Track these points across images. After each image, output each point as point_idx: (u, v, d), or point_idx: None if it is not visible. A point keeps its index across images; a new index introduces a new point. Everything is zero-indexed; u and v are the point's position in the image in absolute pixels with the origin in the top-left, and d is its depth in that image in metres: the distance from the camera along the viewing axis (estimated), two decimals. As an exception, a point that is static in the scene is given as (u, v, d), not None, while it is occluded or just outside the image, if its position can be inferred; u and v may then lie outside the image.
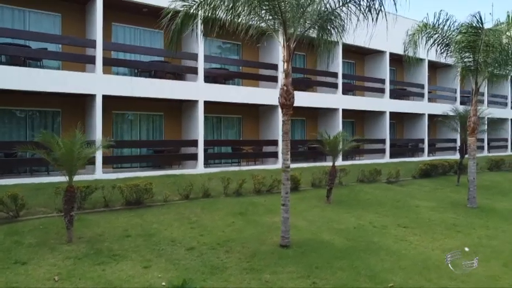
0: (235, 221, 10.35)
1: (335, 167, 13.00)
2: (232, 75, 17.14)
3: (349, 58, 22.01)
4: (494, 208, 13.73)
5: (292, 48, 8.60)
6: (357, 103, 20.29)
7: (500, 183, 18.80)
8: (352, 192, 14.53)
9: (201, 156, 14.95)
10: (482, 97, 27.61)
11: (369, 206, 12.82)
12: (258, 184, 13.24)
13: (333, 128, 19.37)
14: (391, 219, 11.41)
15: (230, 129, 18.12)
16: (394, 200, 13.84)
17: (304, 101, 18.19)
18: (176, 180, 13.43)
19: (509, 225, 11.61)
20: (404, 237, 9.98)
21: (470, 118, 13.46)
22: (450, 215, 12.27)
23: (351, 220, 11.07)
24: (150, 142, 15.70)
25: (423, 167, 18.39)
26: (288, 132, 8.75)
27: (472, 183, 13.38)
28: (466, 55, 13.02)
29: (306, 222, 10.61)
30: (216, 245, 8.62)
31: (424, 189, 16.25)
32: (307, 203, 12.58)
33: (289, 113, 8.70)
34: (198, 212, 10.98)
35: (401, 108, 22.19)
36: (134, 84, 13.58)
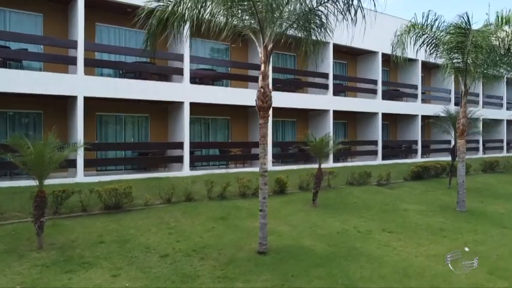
0: (215, 226, 10.09)
1: (321, 169, 12.74)
2: (220, 76, 16.89)
3: (341, 59, 21.78)
4: (484, 212, 13.47)
5: (270, 50, 8.34)
6: (349, 104, 20.04)
7: (493, 185, 18.54)
8: (340, 195, 14.28)
9: (187, 159, 14.69)
10: (477, 98, 27.40)
11: (355, 209, 12.56)
12: (242, 187, 12.98)
13: (323, 129, 19.11)
14: (376, 224, 11.14)
15: (218, 131, 17.86)
16: (383, 203, 13.58)
17: (295, 102, 17.98)
18: (160, 183, 13.18)
19: (498, 229, 11.36)
20: (388, 242, 9.72)
21: (459, 120, 13.21)
22: (438, 219, 12.00)
23: (335, 225, 10.81)
24: (134, 144, 15.44)
25: (415, 169, 18.13)
26: (266, 136, 8.49)
27: (461, 186, 13.12)
28: (455, 56, 12.76)
29: (288, 227, 10.35)
30: (191, 252, 8.36)
31: (415, 192, 15.99)
32: (292, 207, 12.33)
33: (266, 115, 8.44)
34: (179, 216, 10.73)
35: (394, 109, 21.95)
36: (117, 86, 13.32)
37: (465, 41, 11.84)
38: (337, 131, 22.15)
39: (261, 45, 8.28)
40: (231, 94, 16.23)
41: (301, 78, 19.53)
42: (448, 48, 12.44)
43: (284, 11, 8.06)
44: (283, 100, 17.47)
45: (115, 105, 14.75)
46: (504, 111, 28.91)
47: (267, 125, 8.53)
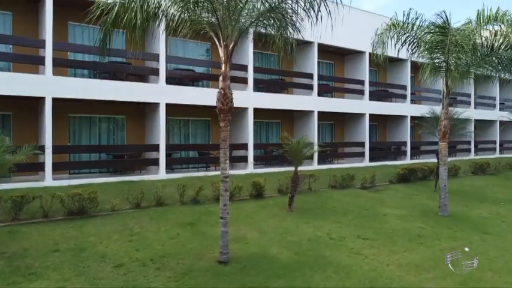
0: (180, 233, 9.69)
1: (297, 173, 12.34)
2: (200, 76, 16.47)
3: (328, 59, 21.38)
4: (467, 216, 13.06)
5: (231, 49, 7.93)
6: (334, 105, 19.63)
7: (481, 188, 18.13)
8: (319, 199, 13.86)
9: (163, 162, 14.28)
10: (469, 98, 26.99)
11: (333, 214, 12.14)
12: (217, 191, 12.52)
13: (309, 131, 18.75)
14: (352, 230, 10.74)
15: (199, 133, 17.46)
16: (363, 207, 13.16)
17: (278, 103, 17.59)
18: (133, 187, 12.75)
19: (479, 235, 10.96)
20: (361, 250, 9.31)
21: (441, 122, 12.81)
22: (417, 225, 11.59)
23: (308, 231, 10.39)
24: (108, 147, 15.01)
25: (401, 171, 17.71)
26: (227, 140, 8.09)
27: (443, 190, 12.72)
28: (436, 55, 12.36)
29: (257, 234, 9.94)
30: (148, 261, 7.96)
31: (399, 195, 15.57)
32: (267, 212, 11.91)
33: (227, 118, 8.03)
34: (145, 222, 10.32)
35: (382, 110, 21.53)
36: (88, 86, 12.92)
37: (445, 40, 11.43)
38: (324, 132, 21.77)
39: (221, 44, 7.87)
40: (211, 95, 15.71)
41: (285, 79, 19.12)
42: (429, 48, 12.03)
43: (244, 9, 7.64)
44: (266, 101, 17.10)
45: (89, 106, 14.35)
46: (497, 111, 28.46)
47: (227, 128, 8.12)
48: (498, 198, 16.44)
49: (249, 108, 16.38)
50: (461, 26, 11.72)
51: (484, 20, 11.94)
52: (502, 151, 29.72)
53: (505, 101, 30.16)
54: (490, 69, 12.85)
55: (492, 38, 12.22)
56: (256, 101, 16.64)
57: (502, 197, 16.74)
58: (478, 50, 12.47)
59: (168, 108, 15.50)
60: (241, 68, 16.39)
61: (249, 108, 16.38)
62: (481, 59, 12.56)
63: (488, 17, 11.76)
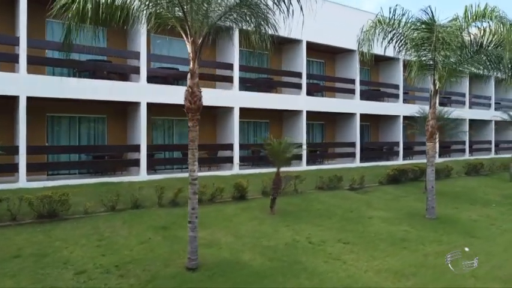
0: (152, 237, 9.30)
1: (279, 174, 11.95)
2: (184, 75, 16.03)
3: (318, 57, 21.00)
4: (456, 219, 12.68)
5: (199, 45, 7.55)
6: (324, 105, 19.24)
7: (473, 189, 17.74)
8: (304, 201, 13.47)
9: (144, 163, 13.90)
10: (463, 98, 26.61)
11: (316, 217, 11.75)
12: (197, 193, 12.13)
13: (298, 131, 18.39)
14: (333, 233, 10.36)
15: (184, 133, 17.04)
16: (348, 210, 12.78)
17: (266, 102, 17.21)
18: (111, 188, 12.35)
19: (466, 239, 10.58)
20: (340, 255, 8.93)
21: (428, 122, 12.43)
22: (403, 228, 11.21)
23: (287, 235, 10.01)
24: (87, 147, 14.61)
25: (391, 172, 17.32)
26: (195, 141, 7.72)
27: (430, 192, 12.34)
28: (423, 53, 11.98)
29: (233, 238, 9.56)
30: (112, 268, 7.58)
31: (387, 197, 15.18)
32: (247, 215, 11.53)
33: (195, 118, 7.67)
34: (118, 226, 9.94)
35: (374, 109, 21.15)
36: (65, 85, 12.53)
37: (431, 37, 11.05)
38: (315, 133, 21.39)
39: (189, 40, 7.49)
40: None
41: (274, 78, 18.75)
42: (415, 45, 11.65)
43: (211, 2, 7.26)
44: (253, 100, 16.72)
45: (68, 105, 13.98)
46: (492, 111, 28.05)
47: (196, 128, 7.76)
48: (490, 199, 16.06)
49: (234, 107, 16.01)
50: (447, 22, 11.33)
51: (472, 17, 11.54)
52: (498, 151, 29.33)
53: (500, 100, 29.78)
54: (479, 68, 12.44)
55: (481, 35, 11.83)
56: (243, 101, 16.26)
57: (494, 198, 16.37)
58: (467, 47, 12.10)
59: (152, 107, 15.16)
60: (227, 67, 16.02)
61: (235, 108, 16.01)
62: (469, 57, 12.19)
63: (476, 13, 11.36)
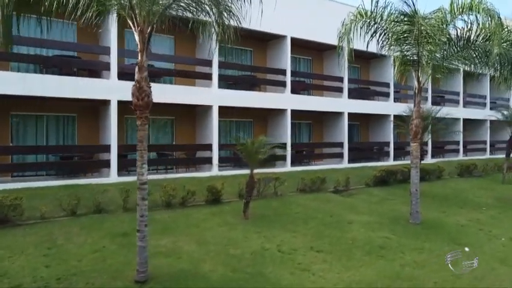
0: (107, 245, 8.60)
1: (253, 177, 11.24)
2: (160, 72, 15.37)
3: (305, 54, 20.28)
4: (442, 224, 11.98)
5: (147, 35, 6.85)
6: (310, 103, 18.52)
7: (463, 191, 17.02)
8: (283, 204, 12.76)
9: (114, 164, 13.19)
10: (457, 97, 25.90)
11: (292, 222, 11.04)
12: (166, 196, 11.47)
13: (283, 130, 17.68)
14: (307, 240, 9.66)
15: (161, 133, 16.37)
16: (328, 214, 12.06)
17: (249, 101, 16.51)
18: (77, 191, 11.65)
19: (450, 246, 9.87)
20: (309, 265, 8.25)
21: (412, 121, 11.72)
22: (383, 234, 10.51)
23: (256, 242, 9.31)
24: (52, 147, 13.82)
25: (378, 174, 16.60)
26: (143, 141, 7.02)
27: (414, 195, 11.64)
28: (406, 48, 11.28)
29: (196, 246, 8.85)
30: (53, 281, 6.89)
31: (372, 199, 14.47)
32: (218, 220, 10.82)
33: (143, 115, 6.95)
34: (74, 232, 9.24)
35: (363, 108, 20.43)
36: (30, 82, 11.82)
37: (413, 30, 10.34)
38: (302, 132, 20.69)
39: (136, 29, 6.78)
40: (174, 92, 14.75)
41: (257, 75, 18.04)
42: (397, 39, 10.95)
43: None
44: (234, 99, 16.00)
45: (34, 104, 13.26)
46: (487, 111, 27.32)
47: (145, 127, 7.06)
48: (480, 202, 15.36)
49: (213, 106, 15.29)
50: (430, 14, 10.61)
51: (458, 9, 10.83)
52: (493, 152, 28.62)
53: (496, 99, 29.06)
54: (467, 64, 11.74)
55: (468, 29, 11.14)
56: (222, 99, 15.55)
57: (485, 201, 15.67)
58: (453, 42, 11.40)
59: (126, 106, 14.41)
60: (205, 63, 15.31)
61: (214, 106, 15.30)
62: (456, 52, 11.49)
63: (463, 5, 10.65)
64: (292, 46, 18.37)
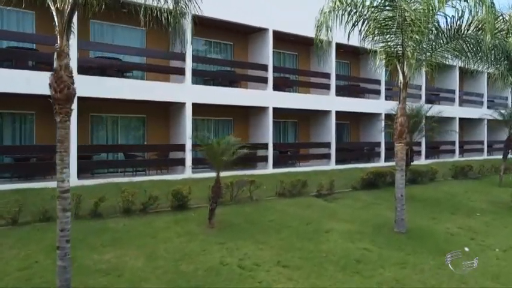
0: (41, 260, 7.51)
1: (220, 181, 10.13)
2: (128, 66, 14.26)
3: (290, 49, 19.16)
4: (430, 232, 10.89)
5: (68, 15, 5.73)
6: (294, 101, 17.38)
7: (456, 195, 15.92)
8: (257, 210, 11.65)
9: (74, 165, 12.07)
10: (453, 95, 24.80)
11: (263, 231, 9.93)
12: (124, 202, 10.36)
13: (266, 129, 16.57)
14: (275, 253, 8.56)
15: (132, 132, 15.25)
16: (305, 221, 10.95)
17: (226, 98, 15.38)
18: (27, 196, 10.54)
19: (437, 260, 8.82)
20: (272, 284, 7.16)
21: (396, 119, 10.64)
22: (363, 245, 9.40)
23: (216, 256, 8.20)
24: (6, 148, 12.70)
25: (365, 176, 15.49)
26: (65, 141, 5.90)
27: (399, 201, 10.54)
28: (390, 37, 10.18)
29: (144, 261, 7.75)
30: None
31: (357, 204, 13.37)
32: (179, 229, 9.71)
33: (65, 110, 5.83)
34: (8, 245, 8.15)
35: (352, 107, 19.32)
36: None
37: (396, 17, 9.23)
38: (287, 132, 19.59)
39: (53, 7, 5.68)
40: (145, 88, 13.65)
41: (237, 71, 16.94)
42: (380, 27, 9.85)
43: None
44: (210, 95, 14.89)
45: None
46: (485, 110, 26.18)
47: (66, 125, 5.94)
48: (475, 207, 14.27)
49: (186, 103, 14.19)
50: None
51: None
52: (491, 152, 27.50)
53: (494, 98, 27.94)
54: (457, 56, 10.64)
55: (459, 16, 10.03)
56: (196, 95, 14.45)
57: (480, 206, 14.58)
58: (442, 31, 10.29)
59: (91, 103, 13.38)
60: (178, 57, 14.20)
61: (187, 103, 14.19)
62: (446, 43, 10.38)
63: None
64: (276, 40, 17.29)
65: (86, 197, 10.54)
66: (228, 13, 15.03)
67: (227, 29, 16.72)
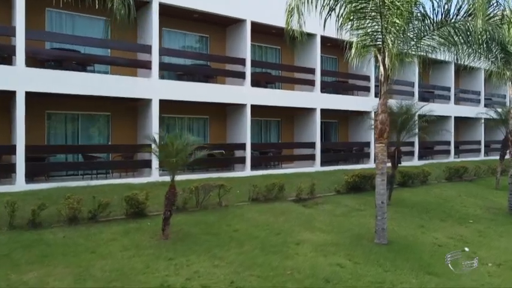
0: None
1: (174, 187, 8.93)
2: (91, 59, 13.05)
3: (272, 43, 17.96)
4: (416, 244, 9.71)
5: None
6: (276, 98, 16.18)
7: (449, 199, 14.72)
8: (223, 219, 10.45)
9: (21, 168, 10.89)
10: (448, 93, 23.62)
11: (223, 244, 8.73)
12: (70, 210, 9.17)
13: (243, 128, 15.38)
14: (231, 271, 7.36)
15: (95, 131, 14.04)
16: (275, 231, 9.76)
17: (198, 94, 14.20)
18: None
19: (420, 277, 7.72)
20: (215, 313, 5.95)
21: (377, 116, 9.45)
22: (336, 260, 8.22)
23: (159, 276, 7.01)
24: None
25: (349, 179, 14.29)
26: None
27: (379, 209, 9.35)
28: (369, 23, 8.99)
29: (70, 282, 6.58)
30: None
31: (338, 210, 12.17)
32: (127, 241, 8.53)
33: None
34: None
35: (339, 104, 18.10)
36: None
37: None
38: (269, 131, 18.39)
39: None
40: (108, 83, 12.47)
41: (212, 65, 15.75)
42: (355, 11, 8.66)
43: None
44: (179, 91, 13.69)
45: None
46: (481, 108, 24.97)
47: None
48: (468, 213, 13.10)
49: (153, 99, 13.00)
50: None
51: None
52: (488, 153, 26.32)
53: (491, 96, 26.74)
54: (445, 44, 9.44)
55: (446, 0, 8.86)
56: (164, 91, 13.26)
57: (474, 211, 13.40)
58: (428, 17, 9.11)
59: (46, 99, 12.22)
60: (143, 49, 13.02)
61: (153, 100, 12.99)
62: (432, 30, 9.20)
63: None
64: (257, 33, 16.13)
65: (30, 203, 9.44)
66: (201, 2, 13.86)
67: (203, 21, 15.55)
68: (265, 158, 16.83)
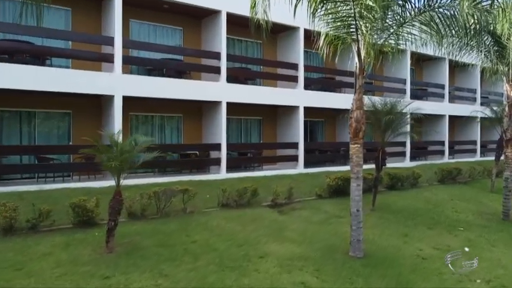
0: None
1: (120, 193, 7.89)
2: (45, 52, 12.00)
3: (253, 37, 16.87)
4: (396, 256, 8.68)
5: None
6: (255, 95, 15.10)
7: (439, 204, 13.67)
8: (183, 227, 9.40)
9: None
10: (443, 90, 22.57)
11: (176, 258, 7.70)
12: (3, 219, 8.13)
13: (218, 127, 14.35)
14: (174, 293, 6.33)
15: (54, 131, 12.98)
16: (239, 242, 8.73)
17: (169, 91, 13.16)
18: None
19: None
20: None
21: (352, 113, 8.42)
22: (301, 277, 7.19)
23: (85, 299, 5.97)
24: None
25: (332, 182, 13.25)
26: None
27: (355, 218, 8.33)
28: (340, 7, 7.96)
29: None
30: None
31: (315, 217, 11.13)
32: (65, 255, 7.50)
33: None
34: None
35: (324, 102, 17.06)
36: None
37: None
38: (250, 130, 17.32)
39: None
40: (69, 78, 11.43)
41: (186, 60, 14.71)
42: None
43: None
44: (147, 88, 12.64)
45: None
46: (477, 107, 23.88)
47: None
48: (459, 219, 12.06)
49: (115, 96, 11.96)
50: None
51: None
52: (485, 153, 25.25)
53: (488, 94, 25.67)
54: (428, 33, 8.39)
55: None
56: (128, 87, 12.22)
57: (465, 217, 12.37)
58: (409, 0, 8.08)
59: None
60: (106, 42, 11.97)
61: (116, 97, 11.95)
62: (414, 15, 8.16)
63: None
64: (236, 26, 15.05)
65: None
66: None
67: (176, 12, 14.51)
68: (244, 159, 15.80)
